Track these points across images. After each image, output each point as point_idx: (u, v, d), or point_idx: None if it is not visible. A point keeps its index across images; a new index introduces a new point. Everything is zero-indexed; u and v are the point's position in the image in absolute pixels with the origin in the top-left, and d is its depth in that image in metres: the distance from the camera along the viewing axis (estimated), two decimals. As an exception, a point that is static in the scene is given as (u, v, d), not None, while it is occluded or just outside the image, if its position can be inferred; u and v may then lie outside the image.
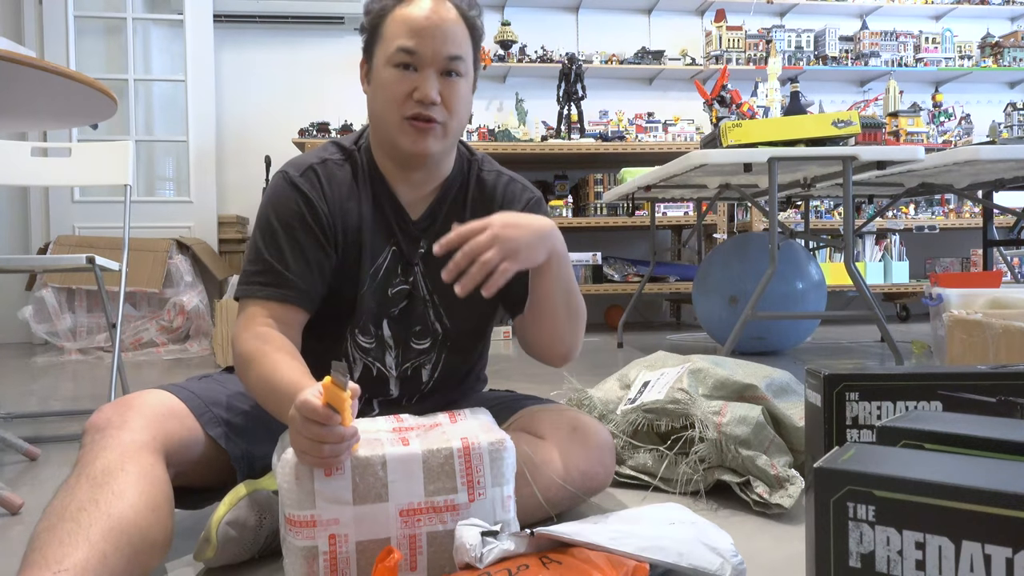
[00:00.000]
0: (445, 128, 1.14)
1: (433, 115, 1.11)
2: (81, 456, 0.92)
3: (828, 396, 0.99)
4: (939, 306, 2.10)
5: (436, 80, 1.11)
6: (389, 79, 1.11)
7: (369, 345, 1.21)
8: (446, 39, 1.11)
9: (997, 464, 0.69)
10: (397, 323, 1.22)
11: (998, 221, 4.36)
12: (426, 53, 1.10)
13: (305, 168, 1.17)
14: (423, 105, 1.11)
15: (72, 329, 3.82)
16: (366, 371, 1.23)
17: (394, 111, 1.12)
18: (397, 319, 1.22)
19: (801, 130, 2.63)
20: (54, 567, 0.76)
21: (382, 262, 1.20)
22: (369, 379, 1.23)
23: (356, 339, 1.21)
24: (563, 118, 4.49)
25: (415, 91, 1.10)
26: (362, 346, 1.22)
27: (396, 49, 1.10)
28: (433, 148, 1.14)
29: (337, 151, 1.22)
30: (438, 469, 0.93)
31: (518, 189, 1.28)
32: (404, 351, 1.23)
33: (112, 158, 2.30)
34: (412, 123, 1.12)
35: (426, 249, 1.21)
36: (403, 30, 1.10)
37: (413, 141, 1.13)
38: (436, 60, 1.11)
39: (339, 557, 0.89)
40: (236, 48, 4.68)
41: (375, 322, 1.21)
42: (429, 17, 1.10)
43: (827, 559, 0.70)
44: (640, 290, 3.82)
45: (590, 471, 1.15)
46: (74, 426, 2.05)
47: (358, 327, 1.20)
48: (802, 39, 5.01)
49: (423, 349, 1.24)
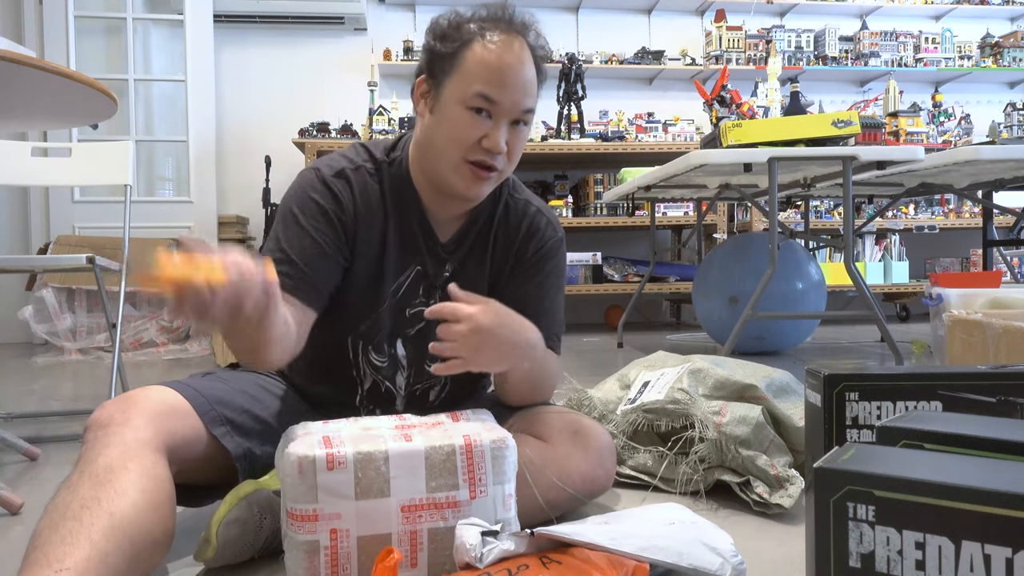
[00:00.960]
0: (500, 174, 1.14)
1: (496, 164, 1.11)
2: (83, 453, 0.92)
3: (828, 396, 1.00)
4: (939, 306, 2.10)
5: (507, 130, 1.11)
6: (460, 120, 1.09)
7: (381, 364, 1.21)
8: (526, 92, 1.10)
9: (997, 464, 0.69)
10: (412, 343, 1.21)
11: (998, 221, 4.36)
12: (505, 104, 1.09)
13: (339, 170, 1.16)
14: (490, 154, 1.10)
15: (72, 329, 3.81)
16: (374, 387, 1.23)
17: (457, 152, 1.10)
18: (413, 339, 1.21)
19: (801, 130, 2.63)
20: (55, 566, 0.76)
21: (404, 280, 1.19)
22: (376, 395, 1.23)
23: (369, 356, 1.21)
24: (563, 118, 4.49)
25: (484, 139, 1.09)
26: (374, 363, 1.21)
27: (475, 93, 1.08)
28: (484, 193, 1.15)
29: (369, 160, 1.20)
30: (440, 466, 0.93)
31: (543, 224, 1.27)
32: (417, 372, 1.23)
33: (112, 158, 2.30)
34: (473, 168, 1.11)
35: (451, 272, 1.21)
36: (485, 74, 1.08)
37: (468, 186, 1.12)
38: (513, 112, 1.10)
39: (340, 552, 0.89)
40: (236, 48, 4.67)
41: (390, 341, 1.20)
42: (514, 67, 1.08)
43: (827, 559, 0.70)
44: (640, 290, 3.82)
45: (591, 474, 1.15)
46: (74, 426, 2.05)
47: (372, 344, 1.19)
48: (802, 39, 5.01)
49: None
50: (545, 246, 1.25)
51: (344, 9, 4.51)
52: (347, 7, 4.50)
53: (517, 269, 1.25)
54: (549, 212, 1.29)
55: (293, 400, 1.24)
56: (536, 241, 1.25)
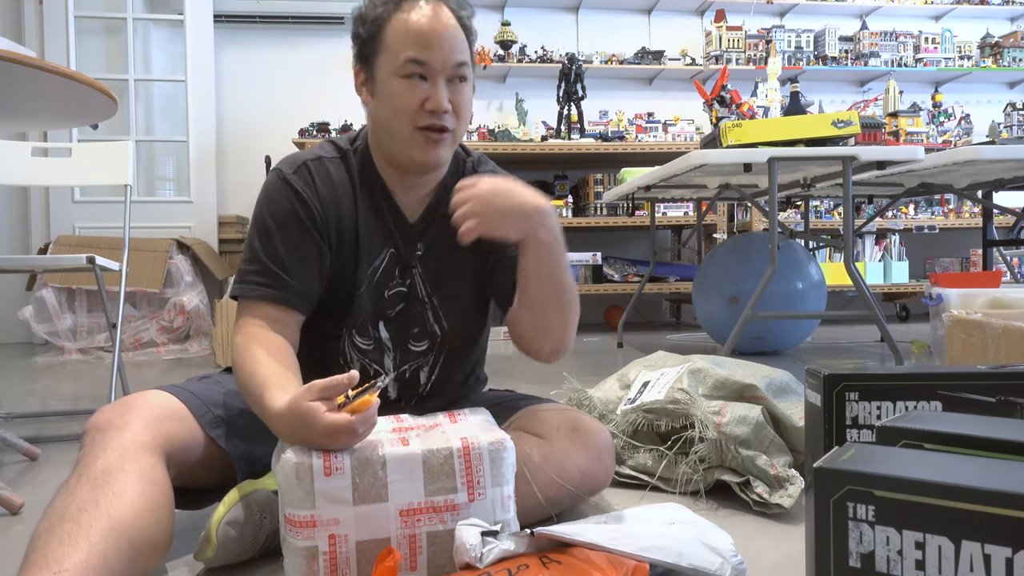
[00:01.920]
0: (454, 134, 1.15)
1: (445, 123, 1.12)
2: (81, 456, 0.92)
3: (828, 396, 1.00)
4: (939, 306, 2.10)
5: (446, 88, 1.11)
6: (398, 90, 1.10)
7: (367, 346, 1.21)
8: (453, 46, 1.11)
9: (997, 464, 0.69)
10: (394, 325, 1.22)
11: (998, 221, 4.36)
12: (435, 63, 1.10)
13: (299, 165, 1.17)
14: (436, 115, 1.10)
15: (72, 329, 3.82)
16: (363, 372, 1.23)
17: (405, 122, 1.11)
18: (394, 321, 1.22)
19: (801, 130, 2.63)
20: (54, 567, 0.76)
21: (379, 263, 1.20)
22: (366, 380, 1.22)
23: (354, 339, 1.21)
24: (563, 118, 4.49)
25: (426, 101, 1.10)
26: (359, 347, 1.21)
27: (405, 60, 1.09)
28: (443, 157, 1.16)
29: (333, 149, 1.22)
30: (438, 469, 0.93)
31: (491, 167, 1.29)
32: (402, 353, 1.23)
33: (112, 158, 2.30)
34: (425, 133, 1.11)
35: (423, 251, 1.21)
36: (409, 40, 1.09)
37: (424, 151, 1.13)
38: (445, 68, 1.10)
39: (339, 557, 0.89)
40: (236, 48, 4.68)
41: (372, 323, 1.21)
42: (434, 26, 1.09)
43: (827, 559, 0.70)
44: (640, 290, 3.82)
45: (590, 471, 1.15)
46: (74, 426, 2.05)
47: (355, 328, 1.20)
48: (802, 39, 5.01)
49: (421, 351, 1.24)
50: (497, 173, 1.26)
51: (344, 9, 4.51)
52: (347, 7, 4.49)
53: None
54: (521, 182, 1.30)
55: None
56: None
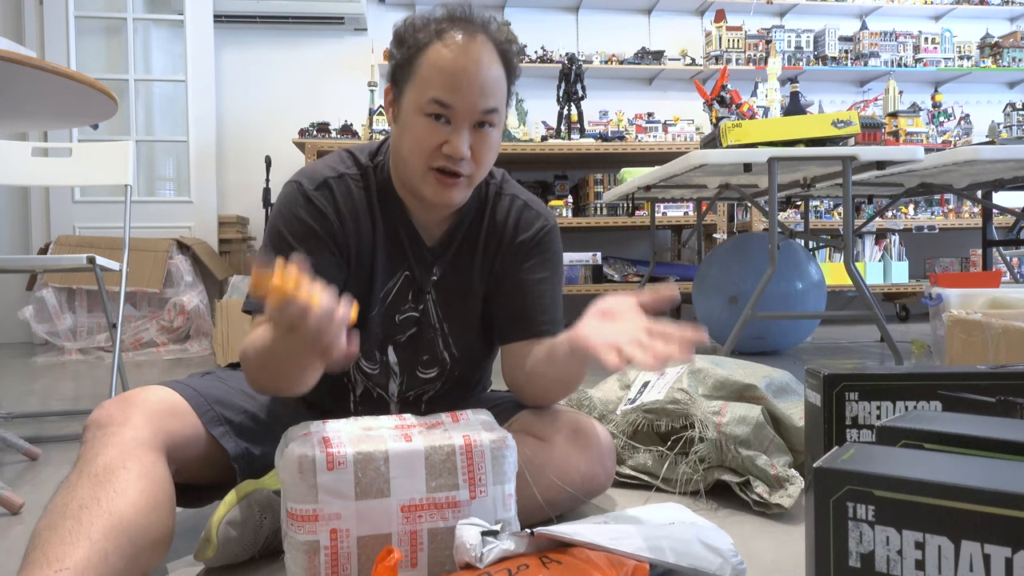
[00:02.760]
0: (470, 179, 1.10)
1: (460, 170, 1.07)
2: (82, 453, 0.92)
3: (828, 396, 1.00)
4: (939, 306, 2.10)
5: (468, 135, 1.06)
6: (418, 128, 1.06)
7: (372, 371, 1.20)
8: (483, 92, 1.05)
9: (997, 464, 0.70)
10: (404, 350, 1.20)
11: (997, 221, 4.36)
12: (461, 108, 1.04)
13: (320, 182, 1.13)
14: (451, 160, 1.06)
15: (72, 329, 3.82)
16: (366, 393, 1.23)
17: (420, 161, 1.07)
18: (404, 346, 1.20)
19: (801, 130, 2.63)
20: (55, 565, 0.76)
21: (392, 286, 1.17)
22: (368, 401, 1.23)
23: (359, 363, 1.20)
24: (563, 118, 4.49)
25: (444, 145, 1.05)
26: (365, 371, 1.21)
27: (429, 99, 1.04)
28: (456, 200, 1.11)
29: (353, 165, 1.17)
30: (440, 466, 0.93)
31: (532, 217, 1.22)
32: (409, 379, 1.22)
33: (112, 158, 2.30)
34: (437, 175, 1.07)
35: (439, 276, 1.19)
36: (438, 78, 1.04)
37: (436, 193, 1.09)
38: (472, 114, 1.05)
39: (340, 552, 0.89)
40: (236, 48, 4.68)
41: (380, 348, 1.19)
42: (468, 69, 1.03)
43: (827, 559, 0.70)
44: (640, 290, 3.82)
45: (590, 473, 1.15)
46: (75, 426, 2.05)
47: (362, 351, 1.17)
48: (802, 39, 5.01)
49: (429, 378, 1.23)
50: (539, 235, 1.21)
51: (344, 9, 4.51)
52: (347, 7, 4.50)
53: (514, 264, 1.21)
54: (538, 203, 1.25)
55: (291, 402, 1.23)
56: (528, 232, 1.21)
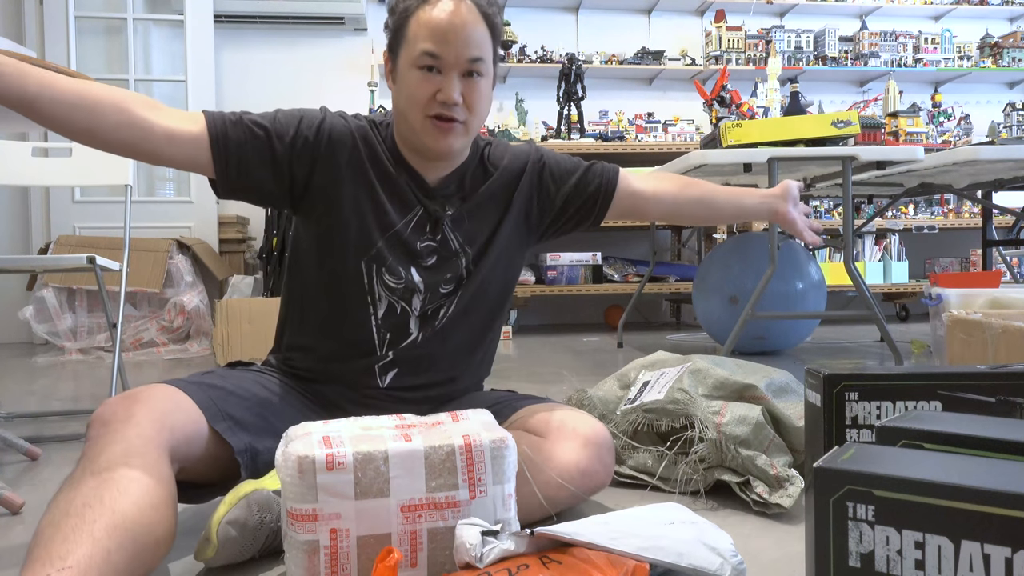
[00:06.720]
0: (466, 126, 1.21)
1: (455, 115, 1.18)
2: (86, 450, 0.92)
3: (828, 396, 1.00)
4: (939, 306, 2.10)
5: (458, 82, 1.17)
6: (413, 81, 1.17)
7: (397, 286, 1.25)
8: (468, 42, 1.16)
9: (997, 464, 0.70)
10: (428, 272, 1.27)
11: (997, 221, 4.36)
12: (449, 57, 1.16)
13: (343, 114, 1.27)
14: (445, 106, 1.17)
15: (72, 329, 3.82)
16: (390, 309, 1.26)
17: (418, 111, 1.18)
18: (429, 269, 1.27)
19: (801, 130, 2.63)
20: (58, 563, 0.76)
21: (411, 219, 1.26)
22: (392, 317, 1.26)
23: (384, 277, 1.24)
24: (563, 118, 4.49)
25: (438, 92, 1.17)
26: (389, 285, 1.25)
27: (420, 53, 1.16)
28: (455, 145, 1.22)
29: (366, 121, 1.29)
30: (440, 465, 0.93)
31: (522, 151, 1.37)
32: (431, 295, 1.28)
33: (112, 158, 2.29)
34: (434, 122, 1.18)
35: (453, 211, 1.28)
36: (426, 33, 1.16)
37: (435, 139, 1.20)
38: (458, 63, 1.16)
39: (340, 552, 0.90)
40: (236, 48, 4.68)
41: (404, 266, 1.25)
42: (451, 21, 1.15)
43: (827, 559, 0.70)
44: (640, 290, 3.82)
45: (590, 469, 1.16)
46: (75, 426, 2.06)
47: (385, 266, 1.24)
48: (802, 39, 5.01)
49: (447, 292, 1.29)
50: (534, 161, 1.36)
51: (344, 9, 4.51)
52: (347, 7, 4.51)
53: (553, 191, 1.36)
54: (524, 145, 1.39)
55: (293, 398, 1.25)
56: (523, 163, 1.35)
